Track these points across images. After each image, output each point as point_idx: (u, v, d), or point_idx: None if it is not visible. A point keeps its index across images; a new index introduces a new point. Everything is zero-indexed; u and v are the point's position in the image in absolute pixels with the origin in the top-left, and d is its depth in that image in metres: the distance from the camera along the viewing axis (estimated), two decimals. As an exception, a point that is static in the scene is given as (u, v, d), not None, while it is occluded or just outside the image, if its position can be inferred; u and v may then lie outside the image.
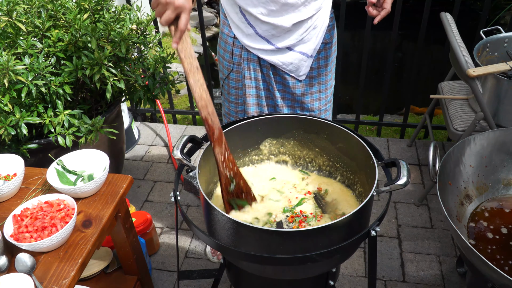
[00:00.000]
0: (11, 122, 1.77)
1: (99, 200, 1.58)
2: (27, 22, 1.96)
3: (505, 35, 2.40)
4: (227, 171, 1.38)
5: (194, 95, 1.29)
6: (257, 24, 1.67)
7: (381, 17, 1.52)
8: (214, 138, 1.33)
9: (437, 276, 2.20)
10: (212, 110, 1.31)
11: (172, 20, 1.21)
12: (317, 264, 1.27)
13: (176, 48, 1.24)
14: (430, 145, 1.59)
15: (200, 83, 1.28)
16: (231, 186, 1.39)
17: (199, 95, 1.28)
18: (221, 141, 1.34)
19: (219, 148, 1.35)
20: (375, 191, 1.27)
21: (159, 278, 2.25)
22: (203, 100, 1.29)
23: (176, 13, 1.20)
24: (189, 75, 1.27)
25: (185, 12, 1.20)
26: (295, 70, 1.76)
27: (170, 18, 1.20)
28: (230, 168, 1.38)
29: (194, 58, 1.28)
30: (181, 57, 1.26)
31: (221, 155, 1.36)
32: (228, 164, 1.37)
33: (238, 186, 1.40)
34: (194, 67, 1.27)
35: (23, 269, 1.33)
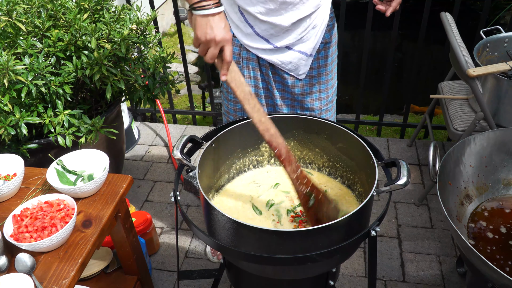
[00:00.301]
0: (11, 122, 1.77)
1: (99, 200, 1.58)
2: (27, 22, 1.96)
3: (505, 35, 2.40)
4: (303, 188, 1.36)
5: (254, 121, 1.28)
6: (256, 23, 1.67)
7: (393, 9, 1.52)
8: (282, 158, 1.32)
9: (437, 276, 2.20)
10: (274, 132, 1.30)
11: (216, 55, 1.22)
12: (317, 264, 1.27)
13: (225, 80, 1.25)
14: (430, 145, 1.59)
15: (256, 108, 1.28)
16: (310, 202, 1.37)
17: (258, 119, 1.28)
18: (290, 160, 1.33)
19: (290, 167, 1.33)
20: (375, 191, 1.26)
21: (159, 278, 2.25)
22: (263, 124, 1.29)
23: (219, 47, 1.21)
24: (244, 102, 1.27)
25: (228, 44, 1.22)
26: (295, 69, 1.76)
27: (214, 54, 1.22)
28: (304, 184, 1.36)
29: (246, 84, 1.28)
30: (232, 87, 1.27)
31: (294, 173, 1.34)
32: (302, 180, 1.35)
33: (317, 199, 1.37)
34: (247, 94, 1.28)
35: (23, 269, 1.33)
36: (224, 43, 1.21)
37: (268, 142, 1.30)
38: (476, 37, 2.55)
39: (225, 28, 1.21)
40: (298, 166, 1.35)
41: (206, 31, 1.19)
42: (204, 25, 1.19)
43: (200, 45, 1.22)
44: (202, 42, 1.21)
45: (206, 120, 3.78)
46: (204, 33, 1.19)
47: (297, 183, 1.35)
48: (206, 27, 1.19)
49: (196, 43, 1.22)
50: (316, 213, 1.38)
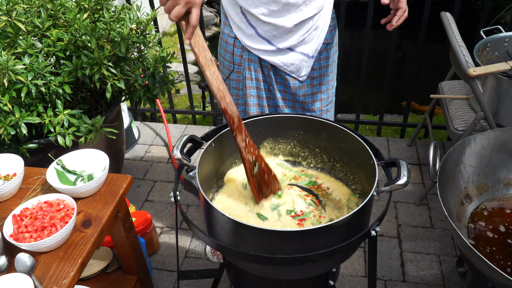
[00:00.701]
0: (11, 122, 1.77)
1: (99, 200, 1.58)
2: (27, 22, 1.95)
3: (505, 34, 2.40)
4: (249, 156, 1.41)
5: (212, 88, 1.31)
6: (258, 24, 1.67)
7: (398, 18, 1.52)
8: (235, 126, 1.36)
9: (437, 276, 2.20)
10: (229, 100, 1.34)
11: (182, 15, 1.21)
12: (317, 264, 1.27)
13: (189, 43, 1.25)
14: (430, 145, 1.59)
15: (216, 75, 1.31)
16: (254, 170, 1.42)
17: (216, 87, 1.31)
18: (241, 128, 1.38)
19: (240, 136, 1.38)
20: (375, 191, 1.26)
21: (159, 278, 2.25)
22: (220, 91, 1.32)
23: (187, 7, 1.19)
24: (204, 68, 1.29)
25: (196, 7, 1.20)
26: (296, 71, 1.76)
27: (181, 13, 1.20)
28: (251, 152, 1.42)
29: (207, 50, 1.29)
30: (195, 51, 1.27)
31: (243, 141, 1.39)
32: (249, 149, 1.41)
33: (260, 168, 1.43)
34: (209, 60, 1.29)
35: (23, 269, 1.33)
36: (192, 4, 1.19)
37: (223, 110, 1.34)
38: (476, 37, 2.55)
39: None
40: (247, 135, 1.40)
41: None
42: None
43: (167, 1, 1.19)
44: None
45: (206, 120, 3.78)
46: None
47: (245, 151, 1.40)
48: None
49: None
50: (259, 181, 1.44)
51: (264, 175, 1.46)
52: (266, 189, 1.47)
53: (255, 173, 1.43)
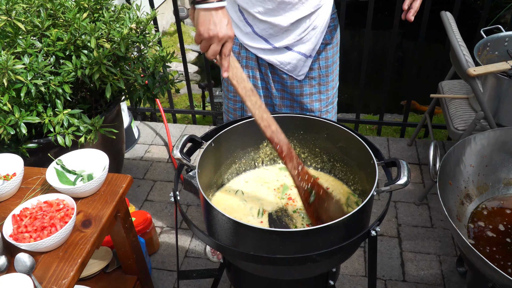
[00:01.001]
0: (11, 121, 1.76)
1: (98, 199, 1.58)
2: (26, 21, 1.95)
3: (506, 34, 2.40)
4: (304, 184, 1.36)
5: (255, 117, 1.28)
6: (255, 23, 1.67)
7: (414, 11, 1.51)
8: (284, 155, 1.32)
9: (437, 275, 2.20)
10: (275, 128, 1.30)
11: (218, 52, 1.21)
12: (317, 264, 1.27)
13: (227, 76, 1.25)
14: (430, 145, 1.59)
15: (258, 105, 1.28)
16: (311, 198, 1.38)
17: (259, 116, 1.28)
18: (291, 157, 1.33)
19: (291, 164, 1.34)
20: (375, 191, 1.26)
21: (159, 278, 2.25)
22: (264, 120, 1.29)
23: (221, 44, 1.20)
24: (245, 99, 1.27)
25: (230, 41, 1.21)
26: (293, 70, 1.75)
27: (216, 51, 1.21)
28: (306, 180, 1.36)
29: (247, 81, 1.28)
30: (234, 83, 1.26)
31: (295, 169, 1.35)
32: (303, 176, 1.36)
33: (318, 195, 1.38)
34: (249, 90, 1.27)
35: (23, 269, 1.33)
36: (226, 40, 1.20)
37: (269, 139, 1.30)
38: (477, 36, 2.55)
39: (228, 25, 1.20)
40: (300, 162, 1.35)
41: (209, 27, 1.18)
42: (207, 21, 1.18)
43: (202, 41, 1.21)
44: (205, 39, 1.19)
45: (206, 120, 3.77)
46: (207, 29, 1.18)
47: (298, 179, 1.35)
48: (209, 23, 1.18)
49: (198, 39, 1.21)
50: (317, 210, 1.38)
51: (324, 203, 1.39)
52: (327, 218, 1.38)
53: (311, 201, 1.38)
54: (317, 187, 1.37)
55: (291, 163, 1.34)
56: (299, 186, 1.36)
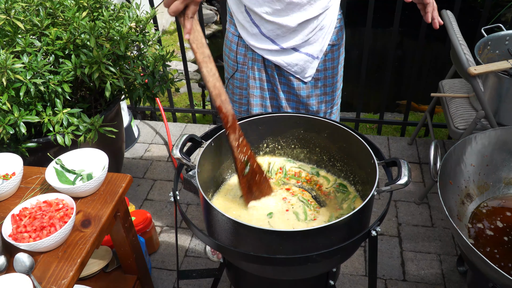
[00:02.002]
0: (10, 121, 1.76)
1: (98, 199, 1.57)
2: (26, 20, 1.95)
3: (507, 33, 2.39)
4: (241, 156, 1.40)
5: (208, 85, 1.30)
6: (262, 23, 1.65)
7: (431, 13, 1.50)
8: (229, 125, 1.35)
9: (438, 275, 2.19)
10: (225, 98, 1.32)
11: (180, 10, 1.20)
12: (317, 264, 1.27)
13: (188, 38, 1.24)
14: (431, 144, 1.58)
15: (212, 72, 1.29)
16: (245, 170, 1.41)
17: (212, 84, 1.29)
18: (234, 128, 1.36)
19: (234, 135, 1.37)
20: (375, 191, 1.26)
21: (159, 277, 2.25)
22: (216, 89, 1.30)
23: (185, 3, 1.19)
24: (202, 65, 1.28)
25: (193, 4, 1.20)
26: (300, 72, 1.74)
27: (179, 8, 1.19)
28: (244, 152, 1.40)
29: (206, 47, 1.28)
30: (193, 47, 1.26)
31: (236, 141, 1.38)
32: (242, 149, 1.40)
33: (252, 168, 1.42)
34: (206, 56, 1.28)
35: (22, 269, 1.32)
36: (189, 1, 1.19)
37: (218, 108, 1.32)
38: (477, 35, 2.54)
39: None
40: (241, 134, 1.39)
41: None
42: None
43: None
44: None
45: (206, 118, 3.77)
46: None
47: (237, 150, 1.39)
48: None
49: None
50: (249, 181, 1.43)
51: (256, 176, 1.44)
52: (256, 190, 1.46)
53: (246, 173, 1.42)
54: (252, 160, 1.42)
55: (234, 134, 1.37)
56: (237, 157, 1.40)
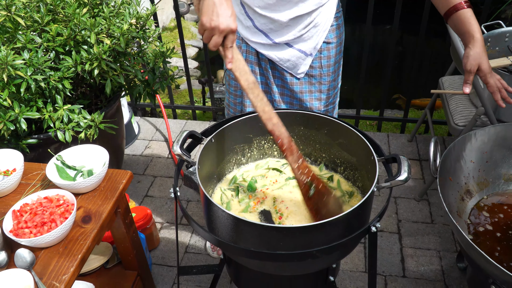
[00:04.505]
0: (10, 117, 1.76)
1: (98, 195, 1.58)
2: (26, 17, 1.94)
3: (506, 29, 2.38)
4: (304, 177, 1.37)
5: (257, 110, 1.28)
6: (255, 17, 1.66)
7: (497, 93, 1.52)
8: (284, 148, 1.32)
9: (437, 271, 2.20)
10: (277, 122, 1.30)
11: (220, 43, 1.21)
12: (317, 260, 1.27)
13: (230, 68, 1.24)
14: (430, 141, 1.58)
15: (260, 97, 1.28)
16: (310, 192, 1.38)
17: (261, 109, 1.28)
18: (292, 150, 1.33)
19: (292, 157, 1.34)
20: (375, 187, 1.26)
21: (159, 273, 2.25)
22: (266, 113, 1.29)
23: (223, 36, 1.20)
24: (248, 91, 1.27)
25: (232, 34, 1.21)
26: (293, 68, 1.74)
27: (218, 42, 1.21)
28: (305, 174, 1.37)
29: (250, 74, 1.28)
30: (237, 75, 1.26)
31: (295, 163, 1.35)
32: (303, 170, 1.36)
33: (317, 189, 1.38)
34: (251, 83, 1.27)
35: (23, 265, 1.33)
36: (228, 32, 1.20)
37: (270, 132, 1.30)
38: (477, 32, 2.53)
39: (232, 17, 1.19)
40: (300, 155, 1.36)
41: (212, 18, 1.17)
42: (210, 11, 1.18)
43: (204, 32, 1.21)
44: (207, 29, 1.19)
45: (206, 115, 3.77)
46: (210, 19, 1.18)
47: (298, 172, 1.36)
48: (212, 14, 1.17)
49: (201, 29, 1.21)
50: (317, 203, 1.38)
51: (323, 197, 1.39)
52: (326, 212, 1.37)
53: (311, 195, 1.38)
54: (317, 181, 1.38)
55: (292, 156, 1.34)
56: (299, 179, 1.37)
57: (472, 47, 1.49)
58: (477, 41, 1.49)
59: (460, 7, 1.50)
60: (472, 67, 1.49)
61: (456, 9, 1.51)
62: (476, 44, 1.49)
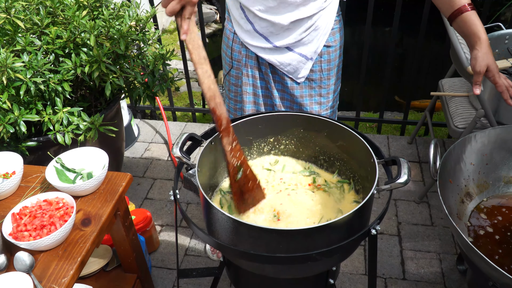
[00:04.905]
0: (10, 119, 1.76)
1: (98, 198, 1.58)
2: (26, 19, 1.94)
3: (506, 31, 2.38)
4: (234, 161, 1.38)
5: (202, 86, 1.28)
6: (256, 20, 1.66)
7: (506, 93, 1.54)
8: (222, 128, 1.33)
9: (437, 273, 2.20)
10: (219, 101, 1.30)
11: (177, 10, 1.20)
12: (317, 263, 1.27)
13: (184, 39, 1.24)
14: (430, 143, 1.58)
15: (208, 74, 1.28)
16: (238, 175, 1.40)
17: (207, 86, 1.28)
18: (228, 132, 1.34)
19: (227, 138, 1.35)
20: (375, 190, 1.26)
21: (159, 276, 2.25)
22: (211, 90, 1.29)
23: (181, 4, 1.19)
24: (197, 66, 1.26)
25: (191, 5, 1.20)
26: (293, 72, 1.74)
27: (175, 8, 1.19)
28: (237, 157, 1.38)
29: (202, 48, 1.27)
30: (189, 48, 1.25)
31: (229, 145, 1.36)
32: (235, 153, 1.38)
33: (244, 174, 1.40)
34: (202, 58, 1.26)
35: (22, 268, 1.33)
36: (186, 2, 1.18)
37: (212, 110, 1.30)
38: (477, 34, 2.53)
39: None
40: (235, 138, 1.37)
41: None
42: None
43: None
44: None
45: (206, 118, 3.77)
46: None
47: (230, 155, 1.37)
48: None
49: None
50: (241, 187, 1.41)
51: (248, 182, 1.42)
52: (248, 197, 1.43)
53: (238, 178, 1.40)
54: (245, 166, 1.40)
55: (227, 137, 1.35)
56: (229, 162, 1.38)
57: (479, 48, 1.50)
58: (484, 42, 1.50)
59: (464, 9, 1.51)
60: (481, 68, 1.50)
61: (460, 11, 1.52)
62: (482, 45, 1.50)
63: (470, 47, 1.53)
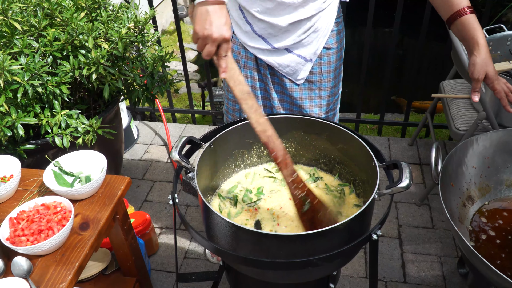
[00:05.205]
0: (7, 122, 1.75)
1: (96, 202, 1.56)
2: (23, 21, 1.93)
3: (508, 33, 2.37)
4: (298, 192, 1.32)
5: (251, 121, 1.25)
6: (254, 21, 1.64)
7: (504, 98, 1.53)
8: (279, 161, 1.28)
9: (438, 277, 2.18)
10: (271, 133, 1.27)
11: (214, 52, 1.19)
12: (317, 268, 1.25)
13: (224, 77, 1.22)
14: (432, 146, 1.57)
15: (254, 109, 1.25)
16: (305, 207, 1.34)
17: (255, 120, 1.25)
18: (286, 163, 1.29)
19: (286, 170, 1.30)
20: (376, 194, 1.24)
21: (158, 279, 2.23)
22: (260, 125, 1.26)
23: (216, 45, 1.18)
24: (241, 102, 1.25)
25: (226, 43, 1.19)
26: (292, 74, 1.72)
27: (211, 51, 1.19)
28: (300, 188, 1.32)
29: (244, 83, 1.25)
30: (231, 85, 1.24)
31: (289, 176, 1.31)
32: (298, 185, 1.32)
33: (312, 205, 1.34)
34: (245, 93, 1.25)
35: (20, 273, 1.31)
36: (221, 41, 1.18)
37: (265, 144, 1.27)
38: (478, 35, 2.52)
39: (225, 25, 1.17)
40: (294, 170, 1.32)
41: (205, 26, 1.16)
42: (204, 19, 1.16)
43: (198, 40, 1.19)
44: (200, 38, 1.18)
45: (205, 119, 3.76)
46: (202, 28, 1.16)
47: (293, 187, 1.32)
48: (205, 22, 1.16)
49: (195, 38, 1.19)
50: (311, 219, 1.35)
51: (318, 214, 1.34)
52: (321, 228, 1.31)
53: (305, 210, 1.34)
54: (312, 196, 1.34)
55: (286, 170, 1.30)
56: (293, 193, 1.33)
57: (478, 54, 1.47)
58: (482, 48, 1.47)
59: (463, 12, 1.48)
60: (480, 75, 1.48)
61: (459, 14, 1.48)
62: (481, 51, 1.47)
63: (469, 52, 1.51)
